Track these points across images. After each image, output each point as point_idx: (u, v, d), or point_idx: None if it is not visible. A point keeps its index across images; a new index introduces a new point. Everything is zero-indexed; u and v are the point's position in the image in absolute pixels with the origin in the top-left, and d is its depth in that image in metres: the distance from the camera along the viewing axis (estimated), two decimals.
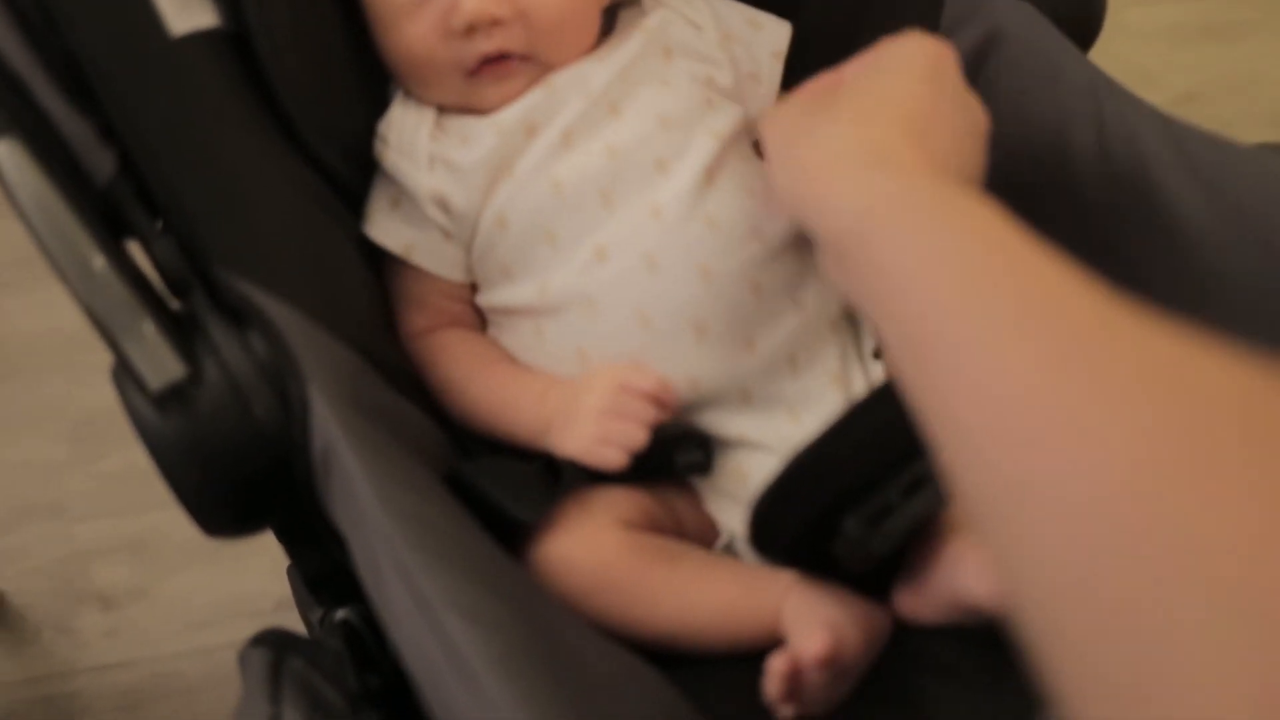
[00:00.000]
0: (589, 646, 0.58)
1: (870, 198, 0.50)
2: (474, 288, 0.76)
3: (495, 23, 0.69)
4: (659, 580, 0.65)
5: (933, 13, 0.79)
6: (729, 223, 0.70)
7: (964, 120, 0.60)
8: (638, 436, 0.65)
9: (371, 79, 0.76)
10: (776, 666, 0.60)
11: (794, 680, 0.60)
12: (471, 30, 0.69)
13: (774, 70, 0.81)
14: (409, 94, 0.75)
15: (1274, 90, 1.62)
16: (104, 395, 0.57)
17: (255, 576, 1.29)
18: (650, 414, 0.66)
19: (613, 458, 0.65)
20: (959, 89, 0.61)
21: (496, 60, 0.71)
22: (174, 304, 0.57)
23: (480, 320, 0.76)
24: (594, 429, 0.66)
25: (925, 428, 0.41)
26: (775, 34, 0.82)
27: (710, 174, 0.71)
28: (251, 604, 1.26)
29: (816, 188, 0.54)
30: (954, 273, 0.43)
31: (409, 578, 0.50)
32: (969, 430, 0.38)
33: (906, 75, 0.59)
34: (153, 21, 0.58)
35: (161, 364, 0.54)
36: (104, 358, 0.53)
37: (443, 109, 0.75)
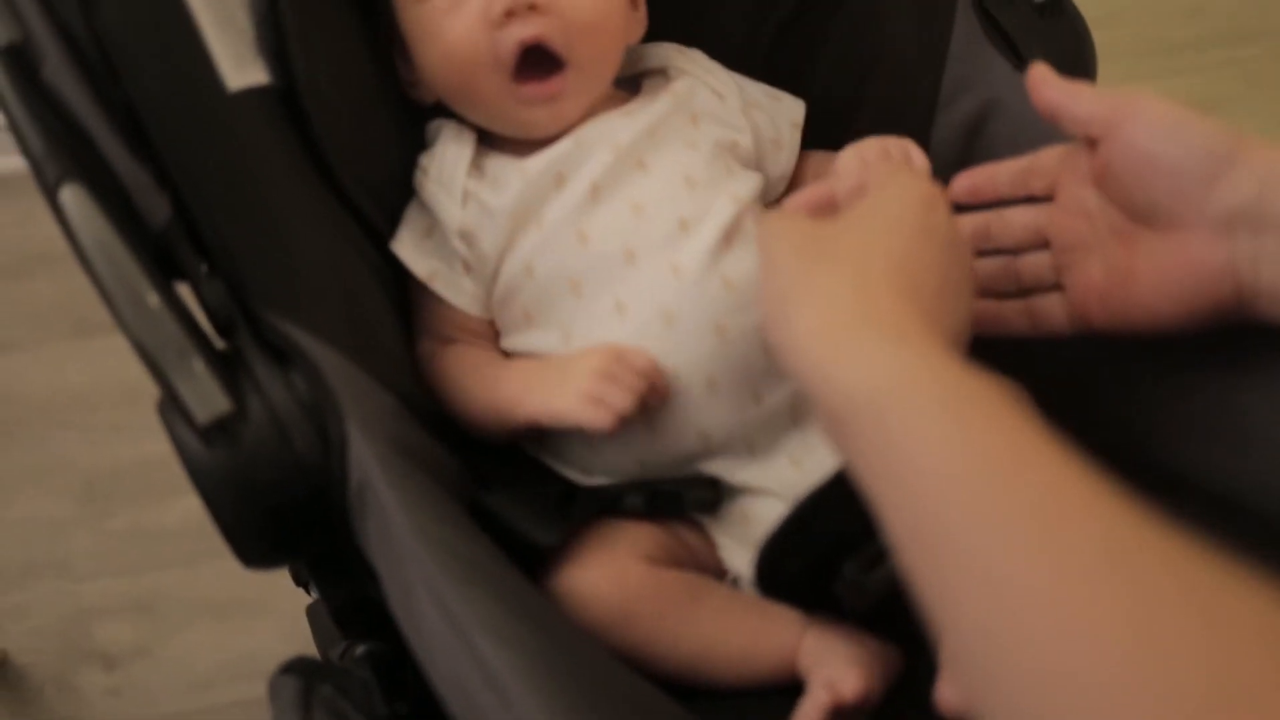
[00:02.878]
0: (615, 672, 0.60)
1: (877, 375, 0.48)
2: (491, 325, 0.79)
3: (532, 8, 0.72)
4: (682, 615, 0.67)
5: (932, 84, 0.83)
6: (744, 283, 0.73)
7: (956, 271, 0.59)
8: (627, 402, 0.67)
9: (404, 129, 0.80)
10: (820, 701, 0.62)
11: (836, 717, 0.62)
12: (510, 15, 0.72)
13: (794, 140, 0.85)
14: (459, 118, 0.79)
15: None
16: (112, 454, 0.59)
17: (261, 637, 1.30)
18: (642, 386, 0.68)
19: (601, 416, 0.67)
20: (951, 236, 0.60)
21: (539, 74, 0.74)
22: (220, 343, 0.59)
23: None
24: (587, 385, 0.68)
25: (922, 598, 0.42)
26: (793, 107, 0.86)
27: (729, 236, 0.74)
28: (257, 664, 1.26)
29: (815, 355, 0.51)
30: (968, 474, 0.42)
31: (443, 604, 0.52)
32: (978, 623, 0.39)
33: (900, 224, 0.58)
34: (211, 77, 0.62)
35: (209, 399, 0.56)
36: (112, 417, 0.55)
37: (483, 146, 0.78)
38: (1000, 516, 0.40)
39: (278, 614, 1.29)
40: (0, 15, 0.58)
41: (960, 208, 0.70)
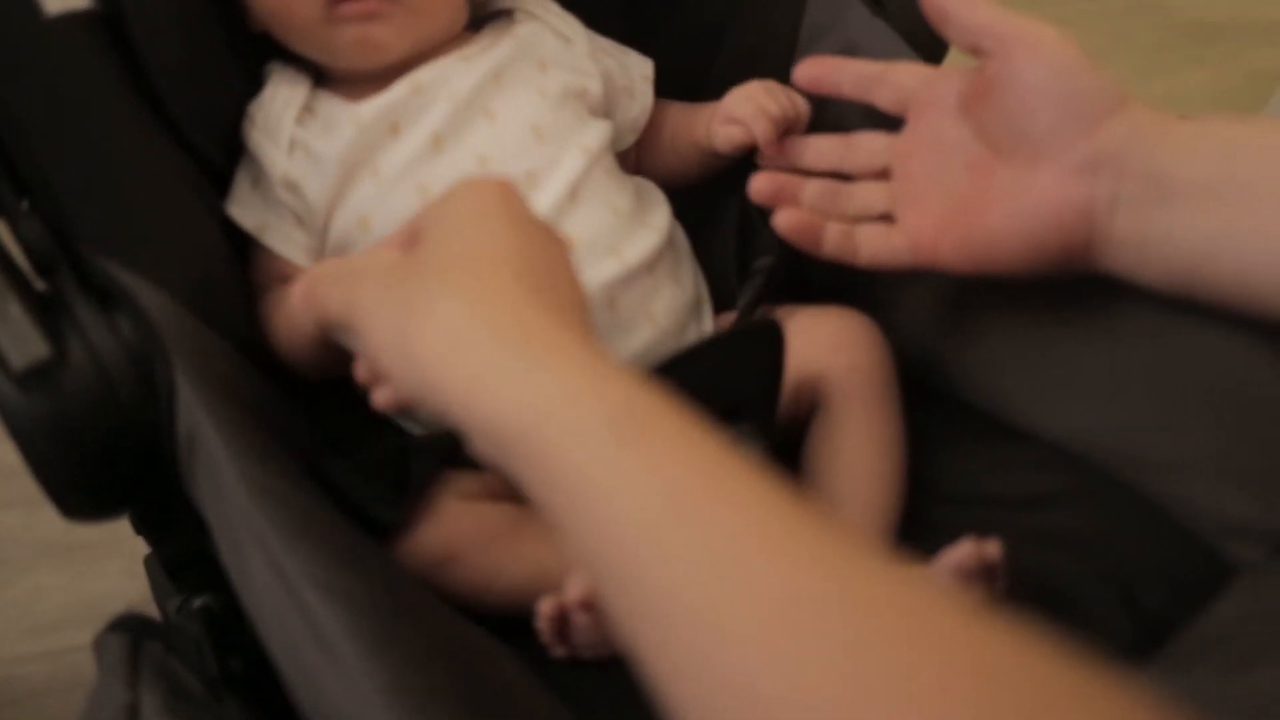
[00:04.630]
0: (448, 623, 0.59)
1: (524, 391, 0.42)
2: None
3: None
4: (505, 546, 0.66)
5: (791, 29, 0.83)
6: (589, 241, 0.72)
7: (554, 249, 0.52)
8: None
9: (248, 63, 0.76)
10: (544, 609, 0.62)
11: (560, 623, 0.62)
12: None
13: (646, 93, 0.84)
14: (284, 61, 0.76)
15: None
16: None
17: (106, 579, 1.26)
18: None
19: None
20: (535, 221, 0.52)
21: None
22: (40, 284, 0.57)
23: None
24: None
25: (623, 637, 0.38)
26: (641, 62, 0.85)
27: (574, 191, 0.73)
28: (102, 607, 1.22)
29: (450, 379, 0.44)
30: (655, 508, 0.37)
31: (271, 557, 0.51)
32: (681, 662, 0.35)
33: (490, 222, 0.50)
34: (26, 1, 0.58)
35: (25, 344, 0.53)
36: None
37: (318, 89, 0.75)
38: (696, 552, 0.36)
39: (125, 556, 1.25)
40: None
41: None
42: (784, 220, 0.68)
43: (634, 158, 0.86)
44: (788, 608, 0.33)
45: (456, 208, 0.52)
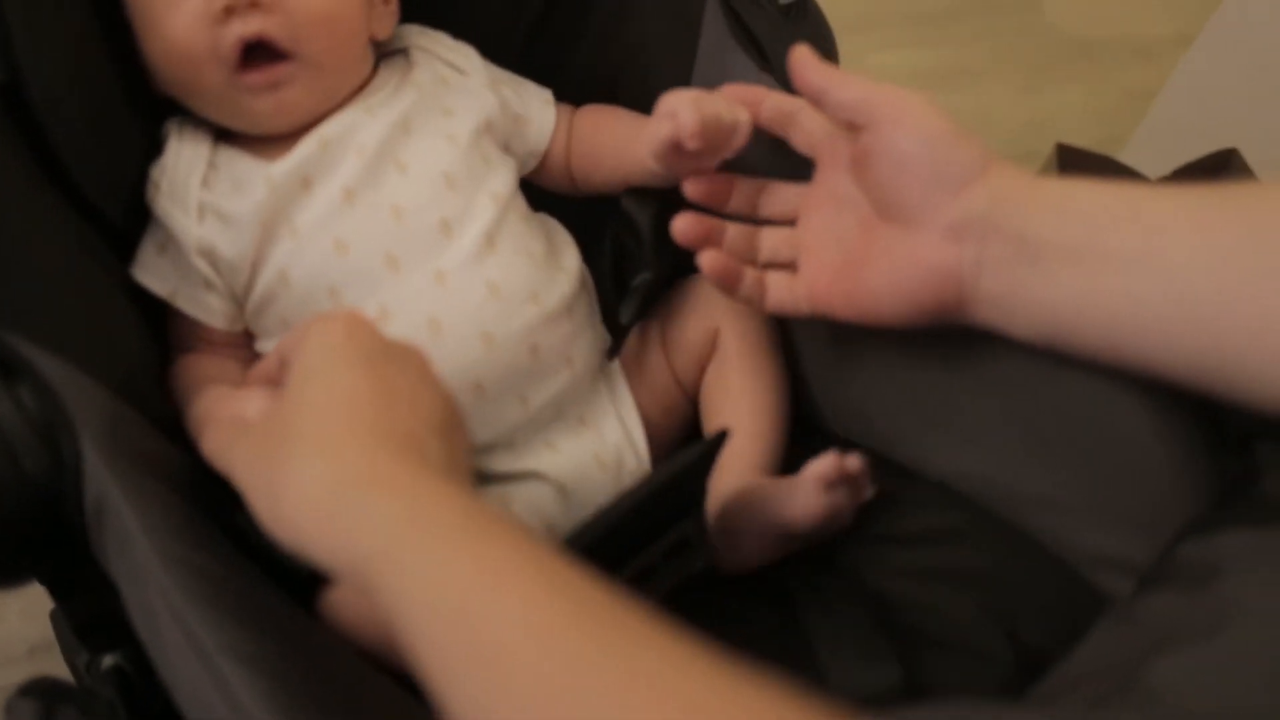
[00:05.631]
0: (368, 685, 0.60)
1: (367, 532, 0.47)
2: (241, 335, 0.76)
3: (253, 4, 0.70)
4: None
5: (682, 82, 0.85)
6: (509, 288, 0.73)
7: (407, 377, 0.56)
8: None
9: (149, 124, 0.76)
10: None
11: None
12: (230, 11, 0.69)
13: (545, 116, 0.84)
14: (183, 118, 0.76)
15: (1003, 131, 1.76)
16: None
17: (8, 621, 1.24)
18: None
19: None
20: (386, 352, 0.57)
21: (263, 63, 0.71)
22: None
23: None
24: None
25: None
26: (540, 90, 0.86)
27: (490, 238, 0.74)
28: (4, 650, 1.21)
29: (310, 533, 0.50)
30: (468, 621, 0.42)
31: (185, 625, 0.51)
32: None
33: (340, 368, 0.55)
34: None
35: None
36: None
37: (221, 145, 0.75)
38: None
39: (28, 596, 1.22)
40: None
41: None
42: (709, 263, 0.71)
43: (563, 168, 0.87)
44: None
45: (311, 352, 0.56)
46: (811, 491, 0.69)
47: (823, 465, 0.69)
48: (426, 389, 0.56)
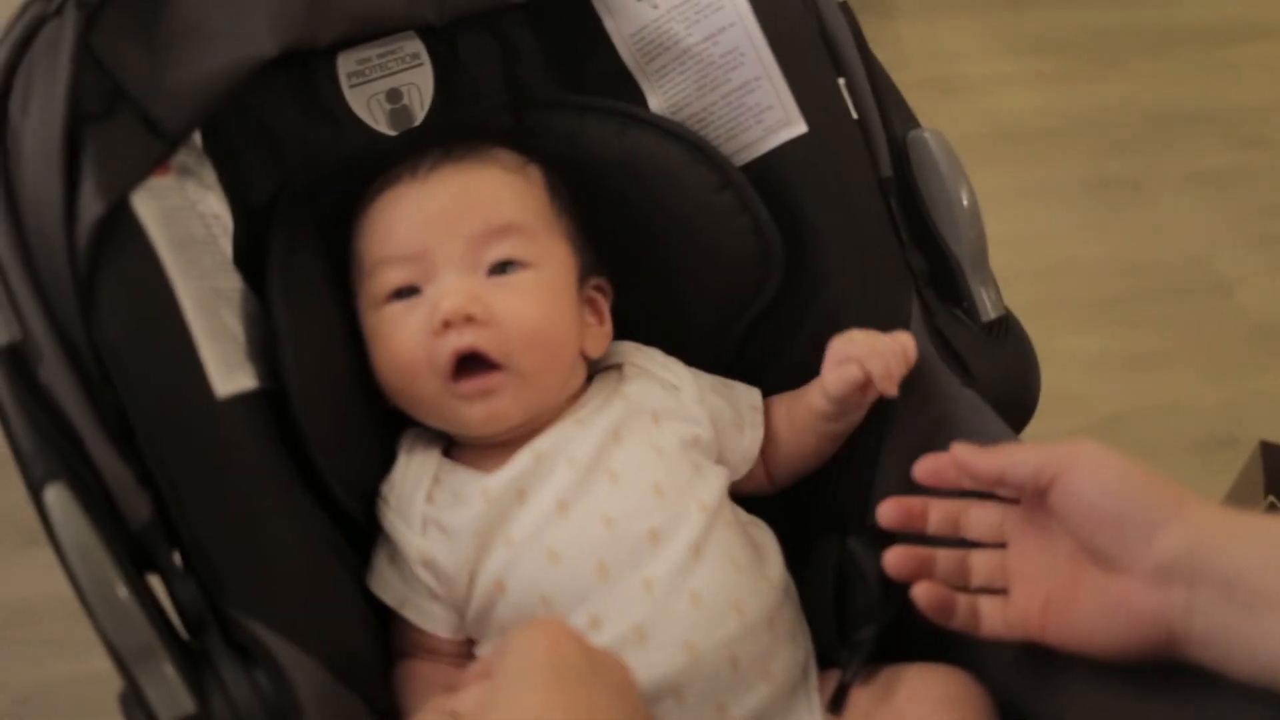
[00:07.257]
0: None
1: None
2: (464, 644, 0.79)
3: (469, 319, 0.75)
4: None
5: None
6: (712, 598, 0.74)
7: (598, 699, 0.59)
8: None
9: (388, 431, 0.83)
10: None
11: None
12: (448, 325, 0.75)
13: (756, 422, 0.87)
14: (416, 431, 0.81)
15: (1194, 418, 1.72)
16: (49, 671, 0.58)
17: None
18: None
19: None
20: (585, 665, 0.60)
21: (476, 372, 0.76)
22: (187, 636, 0.61)
23: None
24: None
25: None
26: (749, 392, 0.89)
27: (697, 548, 0.75)
28: None
29: None
30: None
31: None
32: None
33: (528, 683, 0.58)
34: (201, 386, 0.64)
35: (173, 700, 0.57)
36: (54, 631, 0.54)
37: (447, 459, 0.80)
38: None
39: None
40: (2, 315, 0.61)
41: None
42: (923, 596, 0.70)
43: (760, 469, 0.88)
44: None
45: (511, 664, 0.59)
46: None
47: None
48: (619, 710, 0.58)
